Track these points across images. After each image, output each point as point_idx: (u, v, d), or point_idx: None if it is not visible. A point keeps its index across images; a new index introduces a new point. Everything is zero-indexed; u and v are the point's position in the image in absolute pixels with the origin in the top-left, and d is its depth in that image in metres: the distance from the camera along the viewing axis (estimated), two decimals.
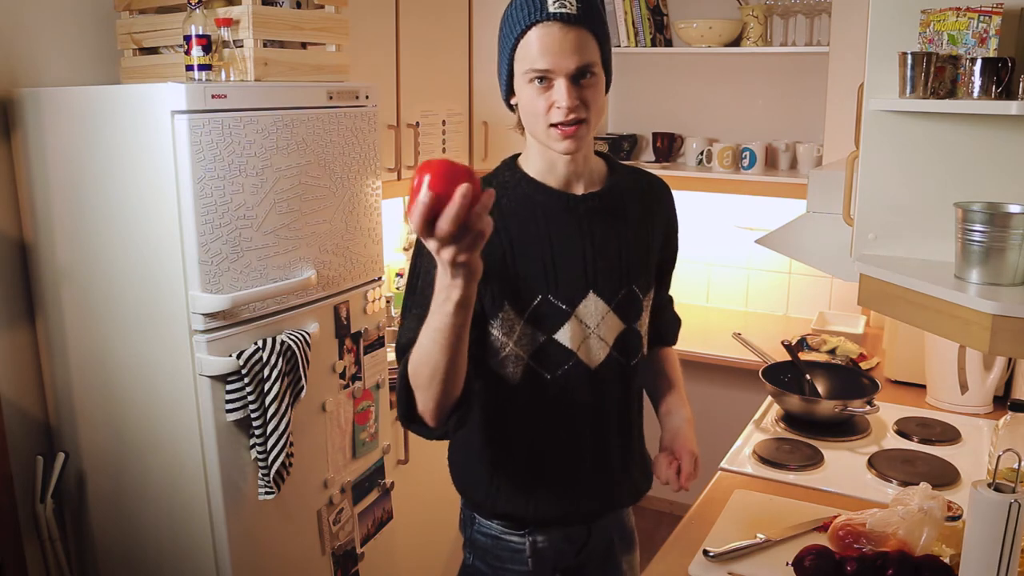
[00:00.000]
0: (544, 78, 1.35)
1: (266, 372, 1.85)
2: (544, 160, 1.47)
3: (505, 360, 1.46)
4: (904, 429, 2.18)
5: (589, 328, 1.47)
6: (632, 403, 1.59)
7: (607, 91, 1.46)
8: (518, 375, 1.46)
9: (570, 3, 1.35)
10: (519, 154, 1.54)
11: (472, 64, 3.15)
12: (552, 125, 1.37)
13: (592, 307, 1.47)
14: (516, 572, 1.58)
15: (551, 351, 1.45)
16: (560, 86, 1.35)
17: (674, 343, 1.77)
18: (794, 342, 2.72)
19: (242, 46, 1.92)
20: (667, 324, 1.74)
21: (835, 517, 1.64)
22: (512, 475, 1.53)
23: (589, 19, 1.37)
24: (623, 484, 1.60)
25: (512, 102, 1.46)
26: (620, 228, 1.52)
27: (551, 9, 1.34)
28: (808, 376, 2.38)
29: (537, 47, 1.34)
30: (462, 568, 1.69)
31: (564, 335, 1.45)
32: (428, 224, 1.05)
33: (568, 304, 1.45)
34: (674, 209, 1.65)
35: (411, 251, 1.51)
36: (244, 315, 1.87)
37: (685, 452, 1.57)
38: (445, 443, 1.54)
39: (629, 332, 1.51)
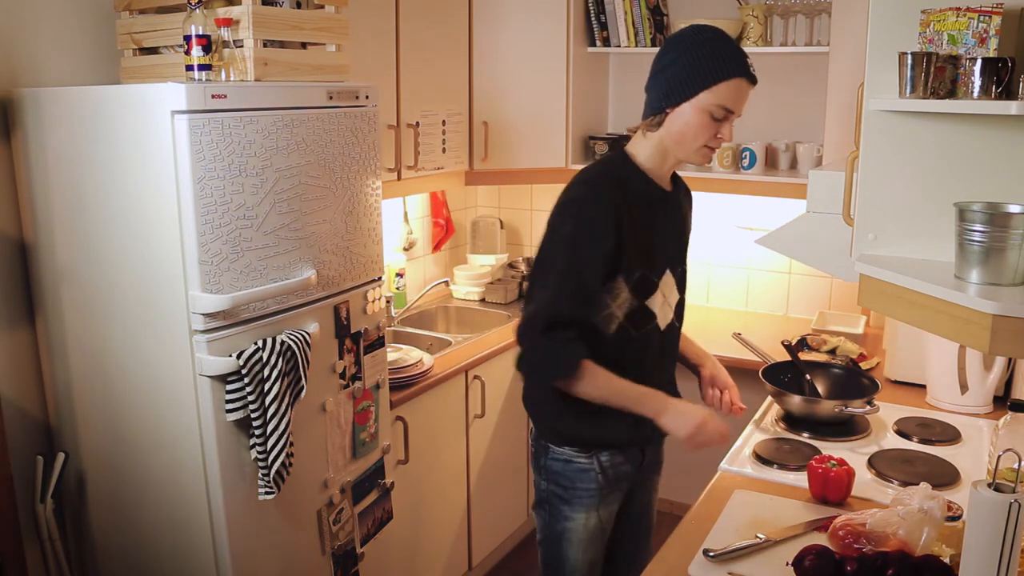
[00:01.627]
0: (725, 116, 1.78)
1: (266, 372, 1.86)
2: (657, 161, 1.87)
3: (605, 317, 1.82)
4: (904, 429, 2.18)
5: (665, 297, 1.90)
6: (677, 355, 2.04)
7: None
8: (612, 329, 1.83)
9: (754, 71, 1.80)
10: (625, 151, 1.90)
11: (472, 64, 3.16)
12: (706, 146, 1.81)
13: (668, 281, 1.91)
14: (585, 490, 1.93)
15: (640, 314, 1.85)
16: (728, 125, 1.79)
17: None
18: (794, 342, 2.72)
19: (242, 46, 1.92)
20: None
21: (835, 517, 1.64)
22: (586, 407, 1.84)
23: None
24: None
25: (668, 111, 1.80)
26: (679, 220, 1.97)
27: (752, 72, 1.79)
28: (808, 376, 2.38)
29: (734, 93, 1.76)
30: (537, 495, 2.02)
31: (653, 302, 1.87)
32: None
33: (657, 278, 1.87)
34: (691, 207, 2.07)
35: (547, 226, 1.85)
36: (244, 315, 1.87)
37: (729, 383, 2.05)
38: (445, 444, 1.57)
39: (682, 301, 1.99)
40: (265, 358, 1.85)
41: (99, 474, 2.05)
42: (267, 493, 1.91)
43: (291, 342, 1.91)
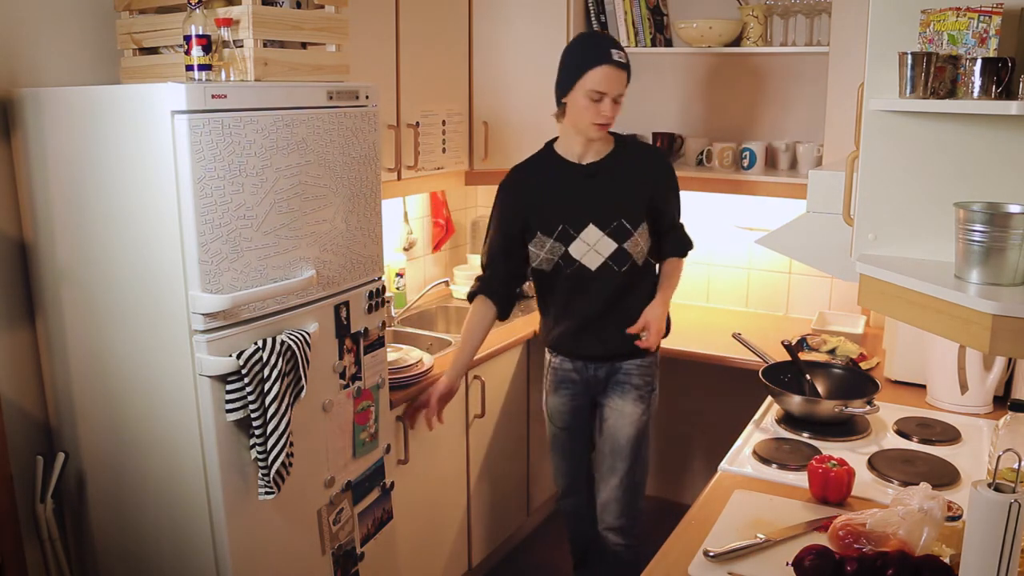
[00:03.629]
0: (600, 98, 2.31)
1: (266, 372, 1.86)
2: (569, 143, 2.48)
3: (540, 262, 2.50)
4: (904, 429, 2.18)
5: (590, 246, 2.44)
6: (625, 294, 2.48)
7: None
8: (550, 268, 2.50)
9: (622, 56, 2.33)
10: (556, 139, 2.53)
11: (472, 64, 3.16)
12: (594, 124, 2.35)
13: (590, 234, 2.43)
14: (571, 390, 2.63)
15: (566, 257, 2.46)
16: (608, 103, 2.32)
17: (676, 255, 2.59)
18: (794, 342, 2.72)
19: (242, 46, 1.92)
20: (671, 243, 2.58)
21: (835, 517, 1.64)
22: (560, 325, 2.58)
23: (627, 67, 2.36)
24: (619, 342, 2.50)
25: (563, 101, 2.40)
26: (613, 184, 2.45)
27: (613, 58, 2.30)
28: (808, 376, 2.38)
29: (601, 78, 2.29)
30: (544, 394, 2.72)
31: (574, 249, 2.45)
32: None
33: (575, 230, 2.44)
34: (663, 174, 2.52)
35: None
36: (244, 315, 1.87)
37: (647, 321, 2.46)
38: (444, 444, 1.59)
39: (620, 250, 2.44)
40: (265, 358, 1.85)
41: (99, 474, 2.05)
42: (267, 493, 1.91)
43: (291, 342, 1.91)
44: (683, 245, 2.62)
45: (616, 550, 2.57)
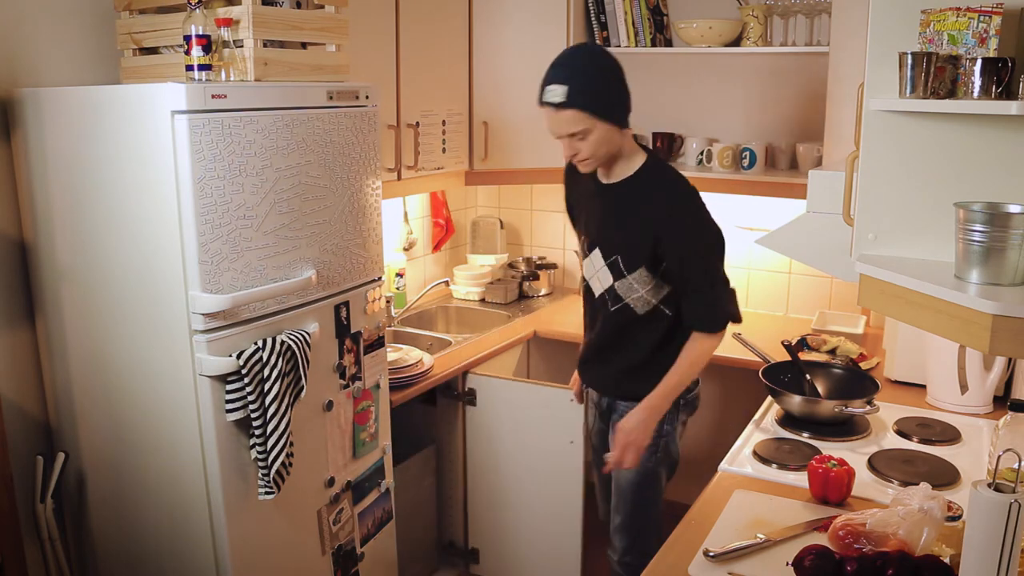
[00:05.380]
0: (559, 137, 2.07)
1: (266, 372, 1.85)
2: None
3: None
4: (904, 429, 2.18)
5: (596, 270, 2.23)
6: (623, 338, 2.24)
7: (621, 118, 2.10)
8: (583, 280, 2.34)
9: (556, 94, 2.00)
10: None
11: (472, 64, 3.15)
12: (571, 160, 2.14)
13: (596, 258, 2.22)
14: (593, 411, 2.46)
15: (585, 267, 2.30)
16: (566, 144, 2.07)
17: (696, 327, 2.17)
18: (794, 342, 2.72)
19: (242, 46, 1.92)
20: (689, 309, 2.17)
21: (835, 517, 1.64)
22: (584, 340, 2.40)
23: (576, 101, 1.99)
24: (612, 384, 2.33)
25: None
26: (621, 213, 2.16)
27: (544, 99, 2.03)
28: (808, 376, 2.38)
29: (546, 120, 2.06)
30: None
31: (586, 265, 2.28)
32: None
33: (587, 249, 2.26)
34: (666, 217, 2.12)
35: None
36: (244, 315, 1.87)
37: (616, 445, 2.20)
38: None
39: (612, 288, 2.19)
40: (265, 358, 1.85)
41: (99, 474, 2.05)
42: (267, 493, 1.91)
43: (291, 342, 1.91)
44: (706, 317, 2.15)
45: (615, 571, 2.42)
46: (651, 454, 2.24)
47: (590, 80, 2.01)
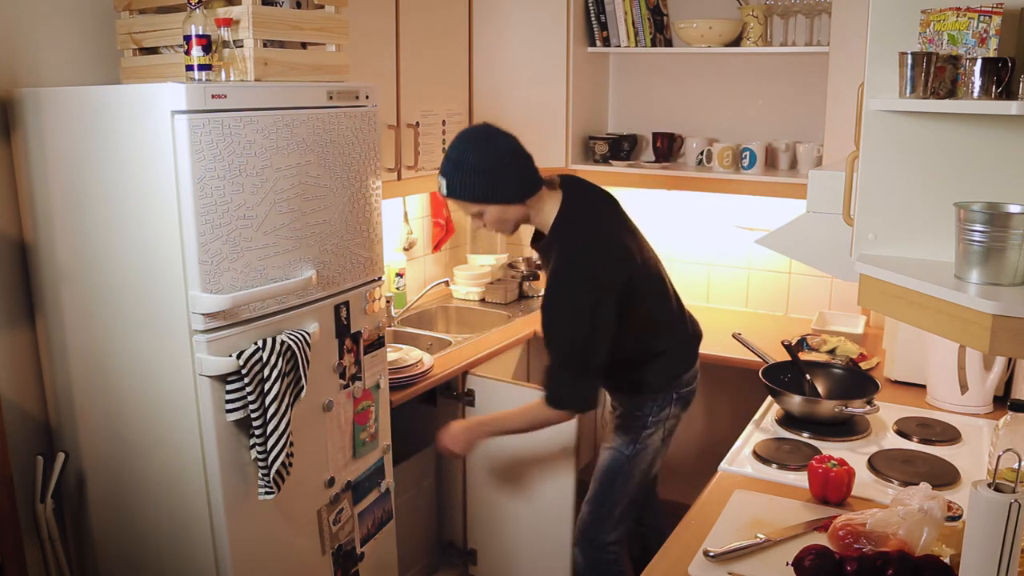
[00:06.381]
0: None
1: (266, 372, 1.85)
2: None
3: None
4: (904, 429, 2.18)
5: None
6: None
7: (511, 197, 2.13)
8: None
9: (441, 186, 2.13)
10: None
11: (472, 64, 3.15)
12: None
13: None
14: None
15: None
16: (473, 220, 2.19)
17: (541, 394, 2.19)
18: (794, 342, 2.72)
19: (242, 46, 1.92)
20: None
21: (835, 517, 1.64)
22: None
23: (456, 193, 2.12)
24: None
25: None
26: (547, 266, 2.21)
27: (442, 194, 2.15)
28: (808, 376, 2.38)
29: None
30: None
31: None
32: None
33: None
34: (548, 285, 2.15)
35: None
36: (244, 315, 1.86)
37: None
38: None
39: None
40: (265, 358, 1.85)
41: (99, 474, 2.05)
42: (267, 493, 1.91)
43: (291, 342, 1.91)
44: (545, 389, 2.19)
45: (576, 563, 2.46)
46: (625, 443, 2.31)
47: (469, 173, 2.07)
